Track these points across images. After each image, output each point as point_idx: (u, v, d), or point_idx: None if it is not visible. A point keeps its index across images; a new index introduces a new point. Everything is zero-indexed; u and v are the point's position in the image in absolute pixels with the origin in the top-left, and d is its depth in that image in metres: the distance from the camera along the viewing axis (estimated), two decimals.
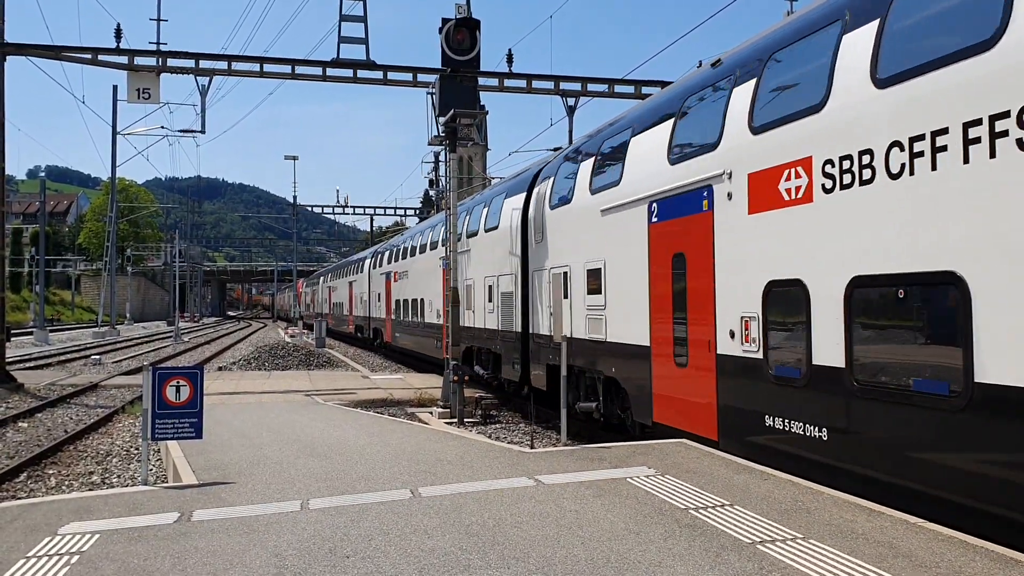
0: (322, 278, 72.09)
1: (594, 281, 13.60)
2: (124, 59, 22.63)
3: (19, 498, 11.33)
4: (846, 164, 7.77)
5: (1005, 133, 6.11)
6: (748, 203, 9.29)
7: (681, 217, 10.80)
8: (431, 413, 17.96)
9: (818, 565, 5.62)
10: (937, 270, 6.67)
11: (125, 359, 37.34)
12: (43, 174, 68.71)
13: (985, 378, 6.18)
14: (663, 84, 24.35)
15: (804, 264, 8.38)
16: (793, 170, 8.52)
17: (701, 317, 10.32)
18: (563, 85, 24.84)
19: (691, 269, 10.55)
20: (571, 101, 25.04)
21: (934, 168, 6.76)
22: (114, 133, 51.94)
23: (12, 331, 52.45)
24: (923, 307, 7.01)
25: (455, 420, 16.95)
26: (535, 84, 24.60)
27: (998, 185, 6.15)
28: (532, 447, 12.07)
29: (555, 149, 19.68)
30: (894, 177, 7.18)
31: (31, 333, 53.42)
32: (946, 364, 6.55)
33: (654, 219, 11.50)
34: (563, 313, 13.62)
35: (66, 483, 12.87)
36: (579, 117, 25.25)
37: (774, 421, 8.76)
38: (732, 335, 9.57)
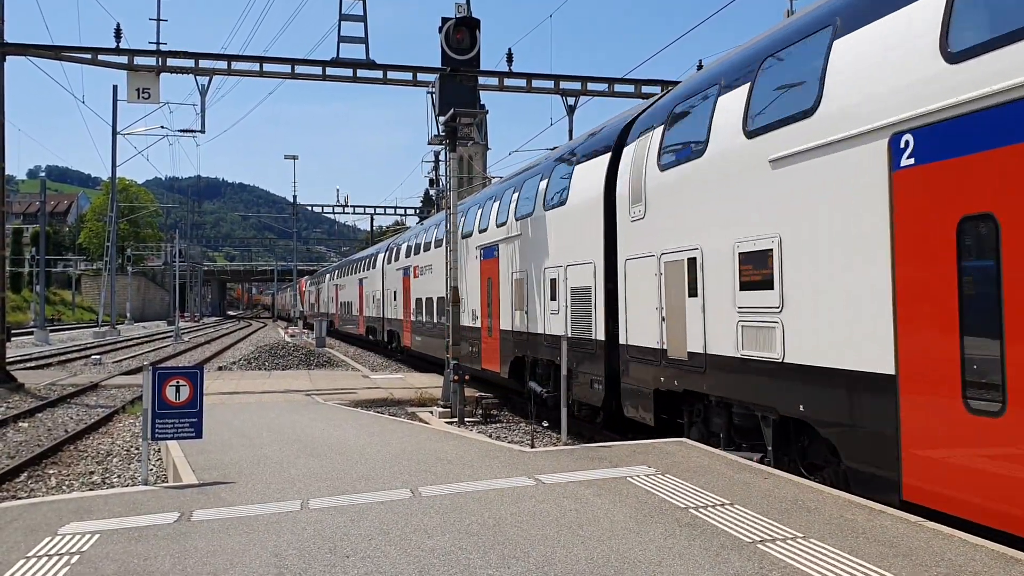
0: (327, 276, 68.33)
1: (754, 269, 9.37)
2: (124, 59, 22.62)
3: (19, 498, 11.32)
4: None
5: None
6: None
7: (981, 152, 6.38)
8: (431, 412, 17.97)
9: (819, 564, 5.61)
10: None
11: (125, 359, 37.34)
12: (43, 174, 68.70)
13: None
14: (663, 83, 24.34)
15: None
16: None
17: None
18: (563, 84, 24.81)
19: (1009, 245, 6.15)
20: (571, 100, 25.02)
21: None
22: (114, 133, 51.98)
23: (12, 331, 52.46)
24: None
25: (455, 420, 16.95)
26: (535, 83, 24.57)
27: None
28: (532, 447, 12.06)
29: (553, 149, 19.57)
30: None
31: (31, 333, 53.44)
32: None
33: (907, 161, 7.05)
34: (687, 317, 10.77)
35: (66, 483, 12.87)
36: (579, 117, 25.27)
37: None
38: None
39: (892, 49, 7.37)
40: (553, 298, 15.80)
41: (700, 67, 12.46)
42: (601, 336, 13.57)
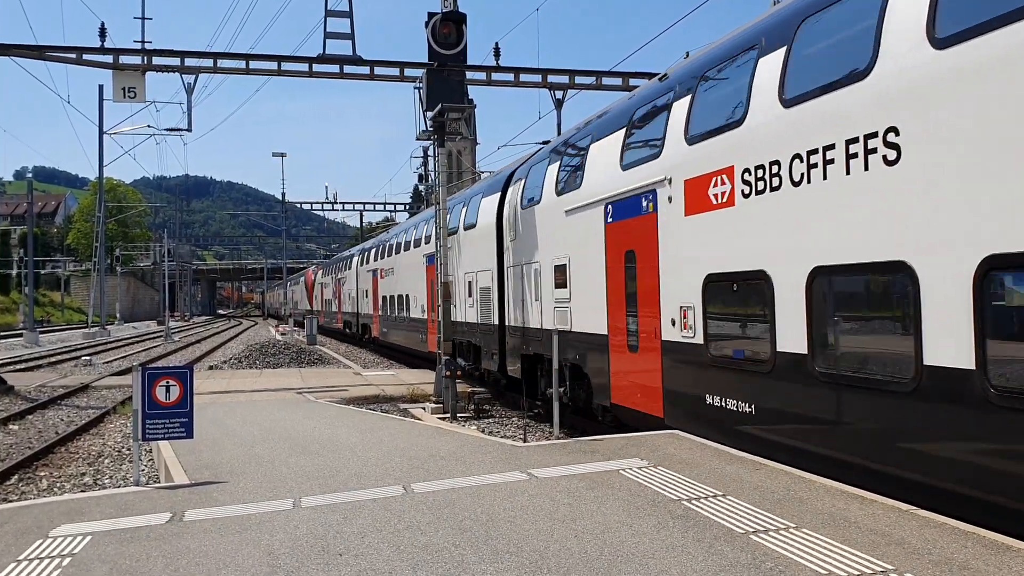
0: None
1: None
2: (109, 58, 22.50)
3: (10, 501, 11.27)
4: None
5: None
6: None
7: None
8: (424, 409, 17.95)
9: (811, 554, 5.63)
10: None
11: (116, 359, 37.22)
12: (30, 175, 68.28)
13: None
14: (651, 76, 24.27)
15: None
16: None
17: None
18: (551, 78, 24.79)
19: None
20: (559, 94, 25.00)
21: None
22: (101, 133, 51.73)
23: (1, 333, 52.24)
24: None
25: (448, 415, 16.94)
26: (522, 77, 24.53)
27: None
28: (525, 441, 12.06)
29: (544, 142, 19.61)
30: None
31: (21, 335, 53.21)
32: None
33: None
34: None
35: (58, 485, 12.82)
36: (567, 110, 25.24)
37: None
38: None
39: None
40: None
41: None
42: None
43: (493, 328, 19.00)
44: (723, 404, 9.63)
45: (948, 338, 6.44)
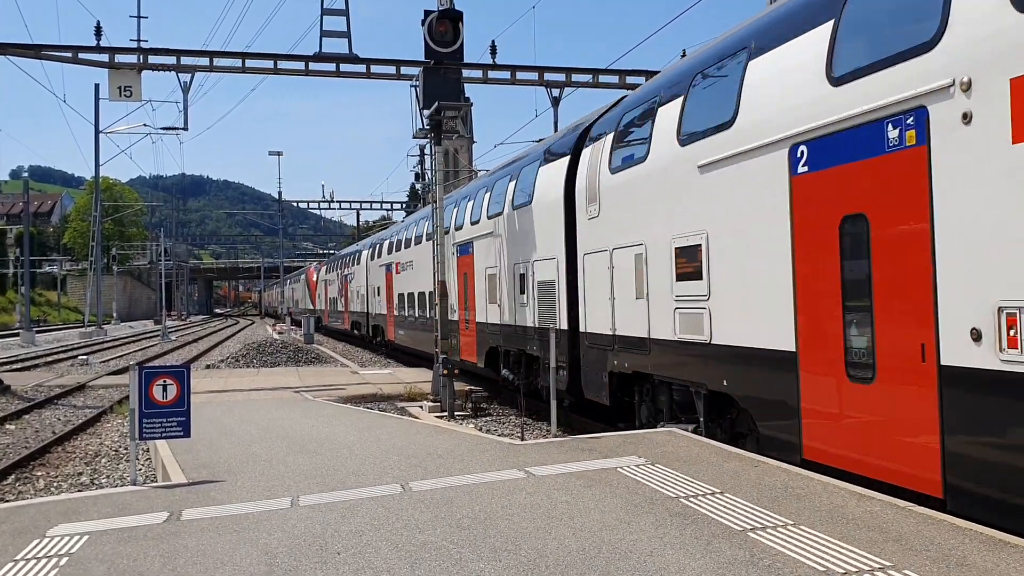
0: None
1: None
2: (105, 57, 22.48)
3: (7, 501, 11.25)
4: None
5: None
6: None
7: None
8: (421, 407, 17.95)
9: (809, 551, 5.63)
10: None
11: (112, 359, 37.17)
12: (26, 174, 68.31)
13: None
14: (648, 74, 24.34)
15: None
16: None
17: None
18: (547, 76, 24.81)
19: None
20: (556, 92, 25.02)
21: None
22: (97, 132, 51.68)
23: None
24: None
25: (445, 414, 16.94)
26: (519, 75, 24.56)
27: None
28: (522, 439, 12.07)
29: (539, 141, 19.55)
30: None
31: (17, 334, 53.11)
32: None
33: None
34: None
35: (55, 485, 12.80)
36: (564, 108, 25.23)
37: None
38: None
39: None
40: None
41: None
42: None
43: (559, 334, 14.35)
44: None
45: None
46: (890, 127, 7.06)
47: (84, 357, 35.55)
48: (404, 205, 72.21)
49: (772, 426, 8.85)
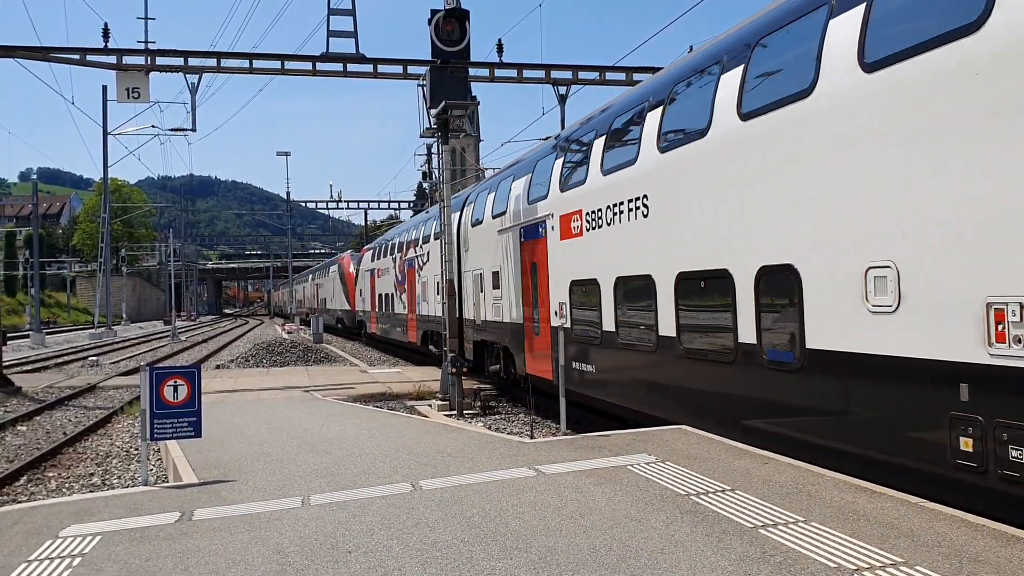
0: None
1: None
2: (112, 59, 22.52)
3: (20, 502, 11.31)
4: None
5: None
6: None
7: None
8: (430, 406, 17.97)
9: (820, 548, 5.62)
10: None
11: (123, 360, 37.31)
12: (35, 176, 68.49)
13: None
14: (653, 70, 24.27)
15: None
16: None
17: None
18: (554, 74, 24.76)
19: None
20: (562, 90, 24.97)
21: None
22: (105, 133, 51.86)
23: (8, 334, 52.40)
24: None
25: (454, 412, 16.95)
26: (526, 73, 24.51)
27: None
28: (532, 437, 12.06)
29: (546, 139, 19.56)
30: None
31: (27, 336, 53.34)
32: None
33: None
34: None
35: (66, 485, 12.86)
36: (571, 105, 25.21)
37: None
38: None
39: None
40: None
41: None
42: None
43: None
44: None
45: None
46: None
47: (94, 358, 35.68)
48: (411, 204, 72.31)
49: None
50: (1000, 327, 6.09)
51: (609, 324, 13.02)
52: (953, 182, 6.47)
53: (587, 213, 13.60)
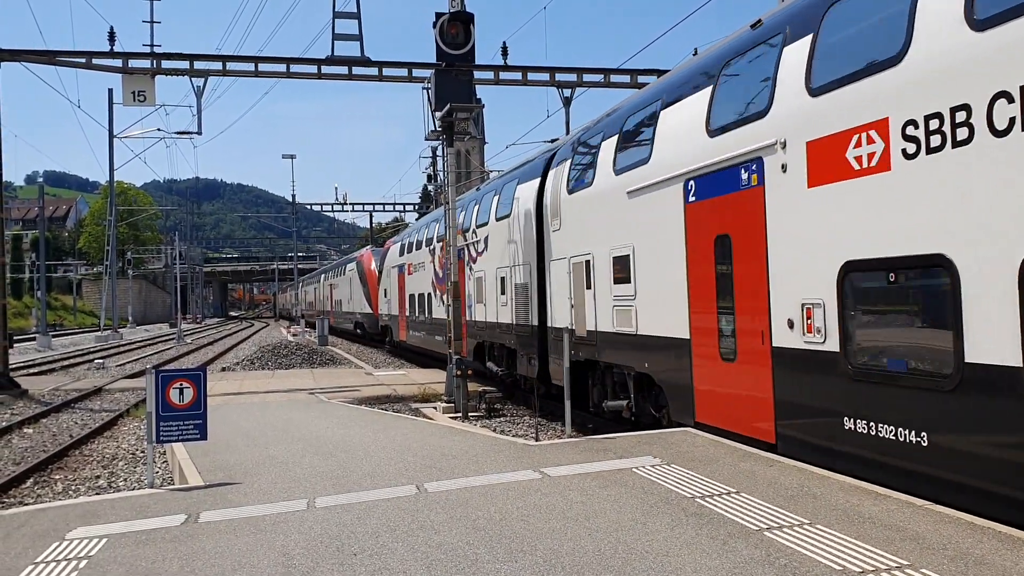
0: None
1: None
2: (118, 62, 22.61)
3: (26, 504, 11.34)
4: None
5: None
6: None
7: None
8: (435, 408, 17.97)
9: (825, 550, 5.62)
10: None
11: (128, 362, 37.37)
12: (41, 179, 68.84)
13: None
14: (659, 73, 24.31)
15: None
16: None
17: None
18: (558, 76, 24.81)
19: None
20: (567, 92, 25.03)
21: None
22: (111, 136, 51.95)
23: (15, 337, 52.50)
24: None
25: (459, 415, 16.96)
26: (530, 76, 24.57)
27: None
28: (537, 440, 12.06)
29: (552, 141, 19.52)
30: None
31: (34, 339, 53.49)
32: None
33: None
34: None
35: (72, 488, 12.89)
36: (575, 108, 25.31)
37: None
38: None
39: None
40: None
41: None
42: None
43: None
44: None
45: None
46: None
47: (100, 361, 35.77)
48: (416, 207, 72.40)
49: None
50: None
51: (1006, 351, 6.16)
52: None
53: (907, 125, 7.03)
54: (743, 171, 9.38)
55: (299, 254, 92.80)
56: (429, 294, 26.80)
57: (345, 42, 23.18)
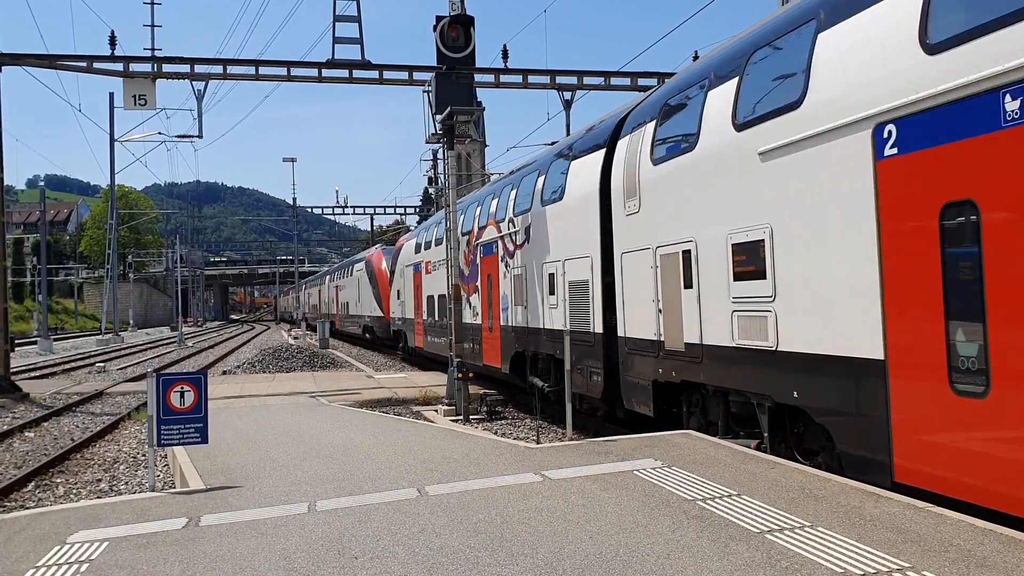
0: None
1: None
2: (119, 66, 22.63)
3: (27, 508, 11.34)
4: None
5: None
6: None
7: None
8: (436, 411, 17.97)
9: (827, 552, 5.61)
10: None
11: (129, 366, 37.38)
12: (42, 183, 68.76)
13: None
14: (660, 75, 24.32)
15: None
16: None
17: None
18: (559, 79, 24.80)
19: None
20: (567, 95, 25.03)
21: None
22: (112, 140, 51.97)
23: (16, 341, 52.46)
24: None
25: (460, 417, 16.96)
26: (531, 79, 24.56)
27: None
28: (538, 442, 12.06)
29: (553, 144, 19.51)
30: None
31: (35, 342, 53.51)
32: None
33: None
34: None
35: (74, 491, 12.88)
36: (576, 111, 25.29)
37: None
38: None
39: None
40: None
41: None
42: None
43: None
44: None
45: None
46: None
47: (101, 364, 35.77)
48: (417, 209, 72.45)
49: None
50: None
51: None
52: None
53: None
54: (1007, 98, 6.11)
55: (300, 258, 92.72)
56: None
57: (346, 45, 23.20)
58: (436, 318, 25.52)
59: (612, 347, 13.25)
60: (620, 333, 12.85)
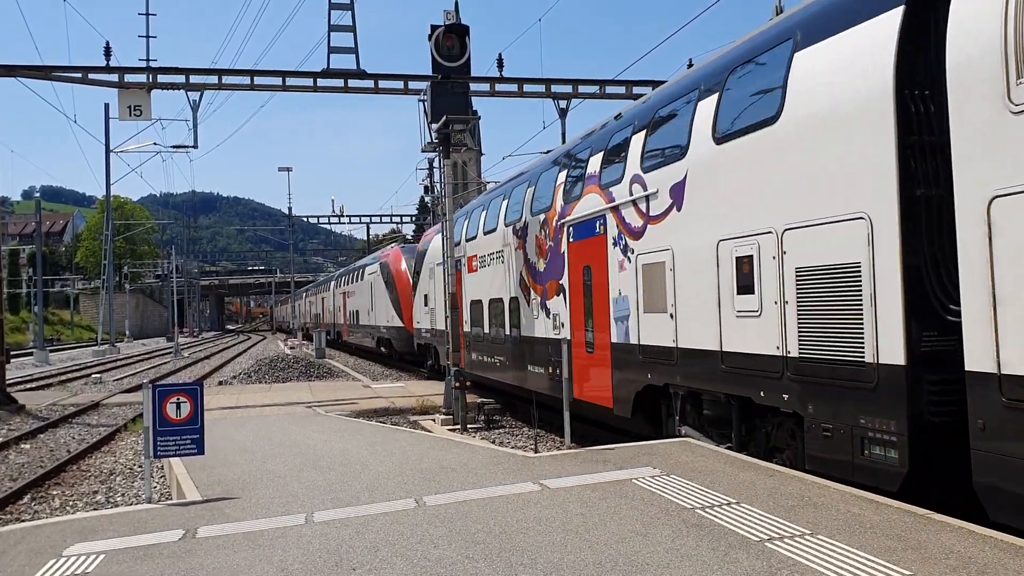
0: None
1: None
2: (114, 77, 22.61)
3: (23, 520, 11.29)
4: None
5: None
6: None
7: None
8: (434, 420, 17.94)
9: (828, 561, 5.59)
10: None
11: (126, 377, 37.29)
12: (38, 194, 68.79)
13: None
14: (654, 84, 24.35)
15: None
16: None
17: None
18: (554, 88, 24.84)
19: None
20: (563, 103, 25.05)
21: None
22: (107, 151, 52.09)
23: (12, 352, 52.39)
24: None
25: (458, 427, 16.92)
26: (526, 88, 24.59)
27: None
28: (536, 451, 12.03)
29: (547, 152, 19.51)
30: None
31: (31, 354, 53.37)
32: None
33: None
34: None
35: (70, 504, 12.83)
36: (571, 119, 25.28)
37: None
38: None
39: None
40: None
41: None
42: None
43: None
44: None
45: None
46: None
47: (98, 375, 35.68)
48: (413, 218, 72.47)
49: None
50: None
51: None
52: None
53: None
54: None
55: (295, 266, 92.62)
56: (516, 299, 17.78)
57: (341, 55, 23.22)
58: (485, 329, 19.83)
59: (918, 390, 7.16)
60: (981, 367, 6.24)
